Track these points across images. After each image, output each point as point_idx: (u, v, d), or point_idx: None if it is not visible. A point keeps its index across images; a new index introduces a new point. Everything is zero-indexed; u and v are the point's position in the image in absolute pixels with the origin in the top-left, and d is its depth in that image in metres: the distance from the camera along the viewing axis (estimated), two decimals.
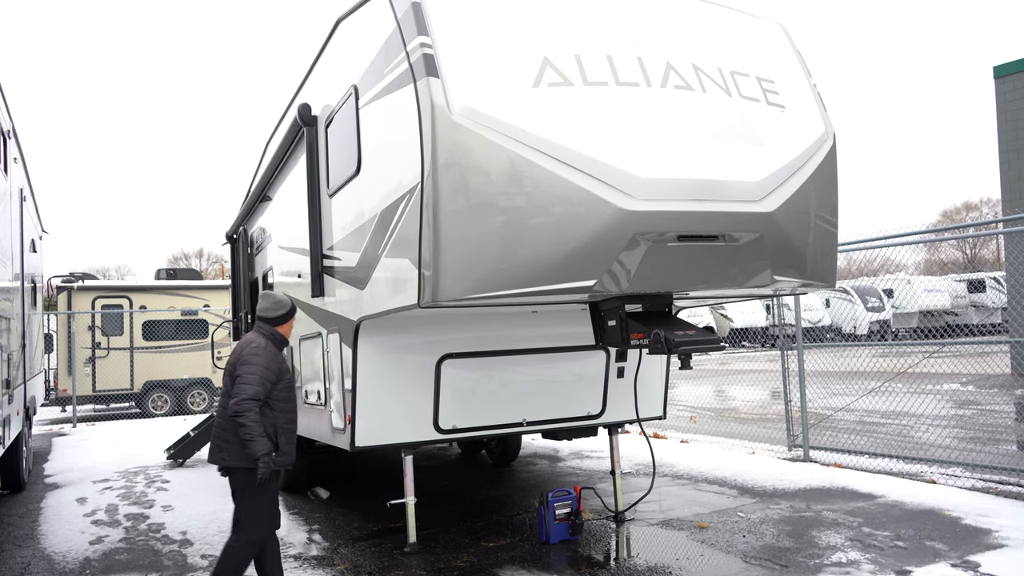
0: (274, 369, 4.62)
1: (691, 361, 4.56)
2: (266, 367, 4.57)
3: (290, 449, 4.70)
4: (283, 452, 4.64)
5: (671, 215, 4.31)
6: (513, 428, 6.32)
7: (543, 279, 4.19)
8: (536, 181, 4.14)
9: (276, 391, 4.63)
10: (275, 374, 4.61)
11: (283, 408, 4.67)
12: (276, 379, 4.62)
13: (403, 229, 4.57)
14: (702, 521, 6.54)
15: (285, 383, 4.71)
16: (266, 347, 4.69)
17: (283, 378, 4.69)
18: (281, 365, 4.72)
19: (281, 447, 4.62)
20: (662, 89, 4.52)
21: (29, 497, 8.82)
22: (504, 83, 4.27)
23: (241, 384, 4.49)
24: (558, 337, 6.26)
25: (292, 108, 7.54)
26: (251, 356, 4.60)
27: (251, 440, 4.41)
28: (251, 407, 4.44)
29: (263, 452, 4.41)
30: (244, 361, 4.58)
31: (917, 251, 45.09)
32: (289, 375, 4.80)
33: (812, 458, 8.86)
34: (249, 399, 4.44)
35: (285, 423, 4.67)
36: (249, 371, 4.52)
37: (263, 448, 4.41)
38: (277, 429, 4.61)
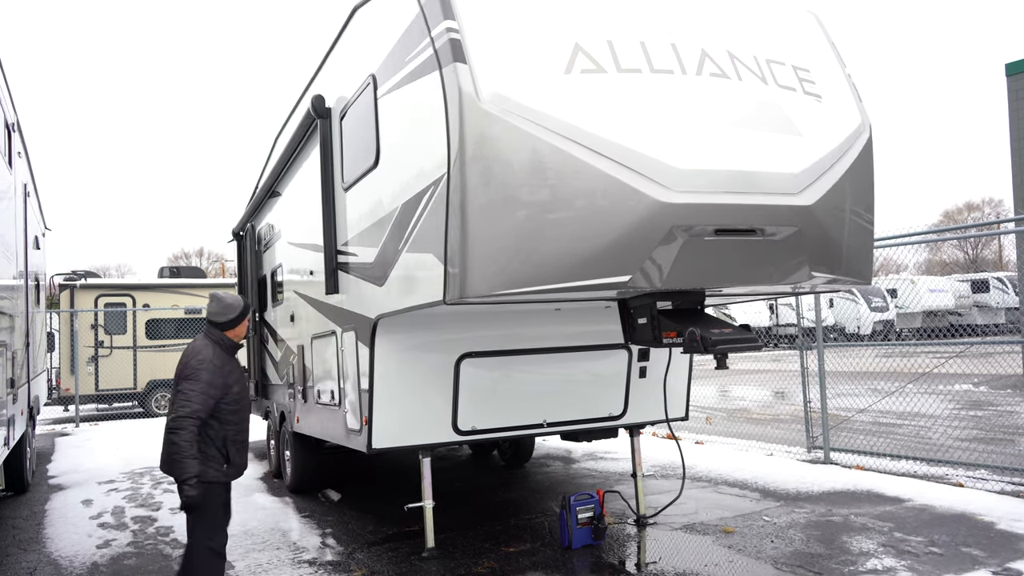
0: (218, 384, 4.36)
1: (727, 360, 4.37)
2: (209, 383, 4.31)
3: (241, 460, 4.56)
4: (233, 464, 4.50)
5: (709, 208, 4.13)
6: (533, 430, 6.14)
7: (576, 275, 4.01)
8: (569, 172, 3.95)
9: (224, 404, 4.41)
10: (220, 388, 4.37)
11: (232, 420, 4.48)
12: (222, 393, 4.38)
13: (426, 223, 4.38)
14: (727, 525, 6.35)
15: (234, 395, 4.48)
16: (213, 358, 4.43)
17: (231, 391, 4.45)
18: (228, 377, 4.47)
19: (232, 459, 4.48)
20: (697, 76, 4.34)
21: (33, 499, 8.64)
22: (534, 69, 4.09)
23: (181, 400, 4.27)
24: (580, 336, 6.08)
25: (304, 101, 7.37)
26: (195, 371, 4.33)
27: (180, 460, 4.18)
28: (186, 425, 4.20)
29: (190, 474, 4.16)
30: (188, 375, 4.34)
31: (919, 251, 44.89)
32: (239, 385, 4.56)
33: (833, 460, 8.67)
34: (186, 416, 4.21)
35: (235, 435, 4.50)
36: (191, 387, 4.28)
37: (191, 470, 4.17)
38: (227, 442, 4.45)
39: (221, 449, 4.41)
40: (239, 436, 4.54)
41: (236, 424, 4.50)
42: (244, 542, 6.46)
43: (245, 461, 4.62)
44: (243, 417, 4.57)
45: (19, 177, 8.31)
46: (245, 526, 6.99)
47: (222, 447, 4.42)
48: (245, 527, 6.95)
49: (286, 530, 6.80)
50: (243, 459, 4.59)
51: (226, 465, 4.43)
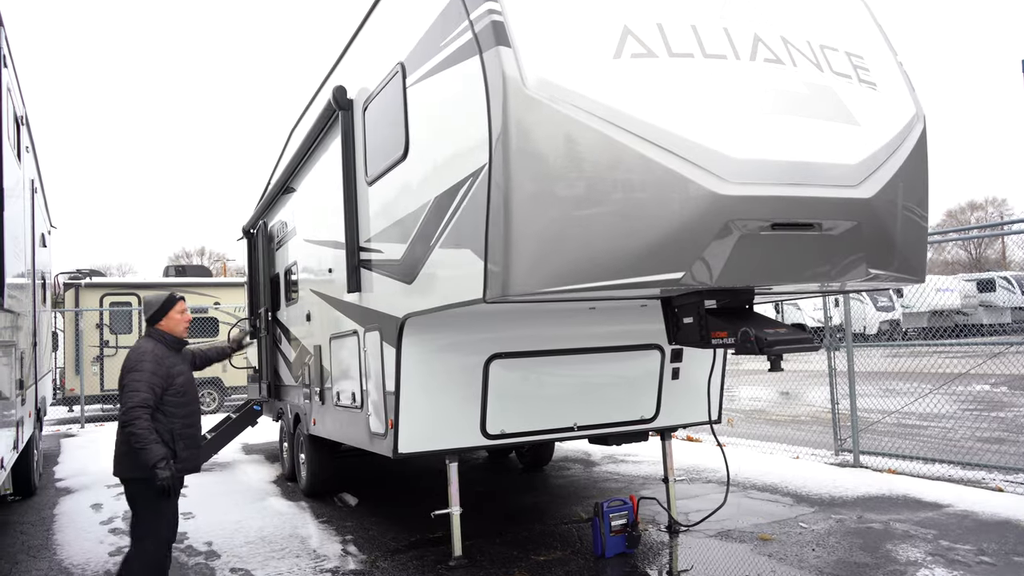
0: (162, 373, 4.45)
1: (781, 362, 4.14)
2: (153, 372, 4.40)
3: (190, 454, 4.60)
4: (182, 459, 4.51)
5: (767, 200, 3.89)
6: (564, 433, 5.91)
7: (625, 271, 3.77)
8: (619, 162, 3.72)
9: (168, 396, 4.48)
10: (164, 379, 4.45)
11: (179, 413, 4.53)
12: (166, 384, 4.46)
13: (464, 217, 4.15)
14: (763, 532, 6.12)
15: (178, 387, 4.54)
16: (153, 351, 4.53)
17: (174, 382, 4.52)
18: (171, 368, 4.55)
19: (179, 453, 4.48)
20: (751, 62, 4.10)
21: (41, 503, 8.41)
22: (582, 54, 3.85)
23: (128, 392, 4.35)
24: (613, 336, 5.84)
25: (323, 93, 7.14)
26: (137, 362, 4.43)
27: (143, 448, 4.24)
28: (140, 414, 4.28)
29: (158, 457, 4.23)
30: (130, 368, 4.43)
31: None
32: (184, 377, 4.63)
33: (862, 463, 8.43)
34: (137, 406, 4.29)
35: (183, 427, 4.53)
36: (136, 378, 4.37)
37: (157, 453, 4.24)
38: (174, 435, 4.47)
39: (169, 443, 4.42)
40: (188, 430, 4.58)
41: (184, 417, 4.54)
42: (262, 550, 6.23)
43: (197, 455, 4.68)
44: (191, 411, 4.62)
45: (27, 172, 8.08)
46: (262, 532, 6.76)
47: (170, 441, 4.44)
48: (262, 534, 6.72)
49: (305, 537, 6.57)
50: (194, 453, 4.63)
51: (173, 460, 4.39)
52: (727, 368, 4.20)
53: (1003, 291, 36.47)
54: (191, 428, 4.62)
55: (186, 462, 4.56)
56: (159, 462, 4.21)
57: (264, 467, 10.42)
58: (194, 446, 4.66)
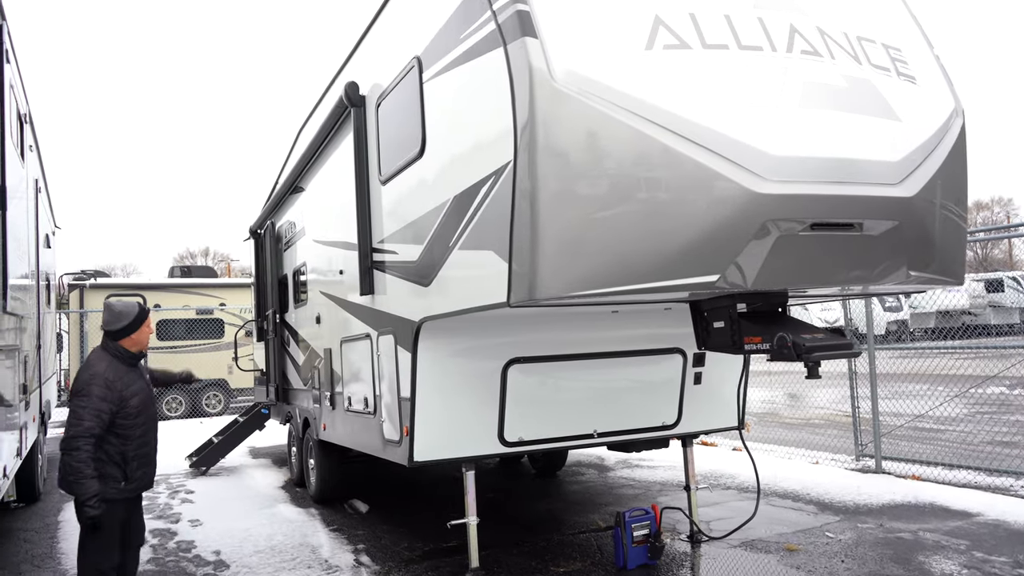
0: (113, 399, 4.14)
1: (819, 369, 3.94)
2: (101, 398, 4.09)
3: (143, 474, 4.37)
4: (135, 479, 4.30)
5: (806, 199, 3.70)
6: (583, 440, 5.72)
7: (658, 274, 3.59)
8: (653, 159, 3.54)
9: (120, 419, 4.19)
10: (114, 403, 4.14)
11: (133, 435, 4.27)
12: (117, 408, 4.16)
13: (485, 217, 3.97)
14: (789, 543, 5.92)
15: (132, 408, 4.24)
16: (105, 371, 4.19)
17: (127, 404, 4.21)
18: (125, 390, 4.22)
19: (131, 475, 4.27)
20: (788, 55, 3.91)
21: (45, 509, 8.24)
22: (612, 45, 3.66)
23: (71, 419, 4.06)
24: (634, 339, 5.65)
25: (334, 89, 6.97)
26: (86, 386, 4.12)
27: (75, 481, 3.98)
28: (80, 444, 4.01)
29: (89, 494, 3.98)
30: (78, 391, 4.14)
31: None
32: (139, 397, 4.30)
33: (884, 469, 8.23)
34: (78, 436, 4.01)
35: (136, 448, 4.29)
36: (81, 404, 4.06)
37: (89, 490, 3.98)
38: (126, 457, 4.24)
39: (120, 465, 4.22)
40: (142, 449, 4.34)
41: (138, 438, 4.30)
42: (272, 559, 6.05)
43: (151, 473, 4.46)
44: (146, 430, 4.37)
45: (31, 172, 7.91)
46: (271, 541, 6.58)
47: (121, 463, 4.22)
48: (271, 542, 6.54)
49: (315, 546, 6.39)
50: (146, 471, 4.41)
51: (124, 482, 4.22)
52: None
53: (1012, 291, 36.20)
54: (145, 447, 4.38)
55: (139, 482, 4.36)
56: (89, 499, 3.98)
57: (271, 472, 10.24)
58: (147, 464, 4.41)
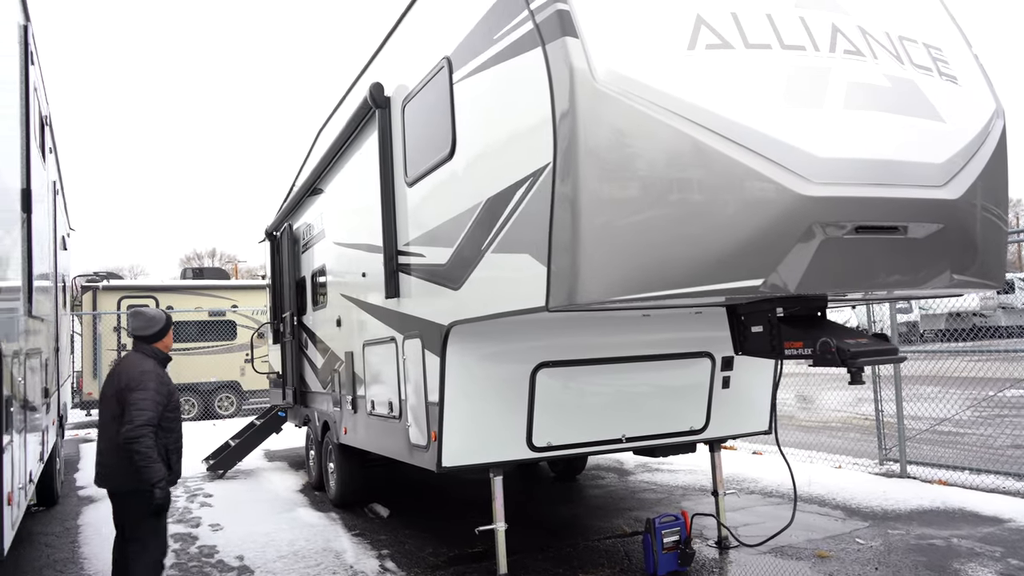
0: (164, 392, 4.58)
1: (863, 375, 3.87)
2: (156, 391, 4.52)
3: (179, 468, 4.75)
4: (174, 472, 4.66)
5: (852, 202, 3.63)
6: (611, 445, 5.65)
7: (702, 278, 3.52)
8: (697, 161, 3.47)
9: (167, 412, 4.59)
10: (165, 396, 4.57)
11: (175, 428, 4.68)
12: (166, 401, 4.58)
13: (522, 219, 3.90)
14: (820, 549, 5.84)
15: (174, 403, 4.69)
16: (154, 369, 4.65)
17: (171, 399, 4.66)
18: (169, 385, 4.70)
19: (173, 467, 4.64)
20: (831, 54, 3.84)
21: (64, 513, 8.21)
22: (654, 45, 3.60)
23: (135, 410, 4.39)
24: (662, 343, 5.58)
25: (356, 91, 6.92)
26: (141, 380, 4.51)
27: (147, 466, 4.34)
28: (146, 432, 4.36)
29: (159, 477, 4.37)
30: (134, 387, 4.48)
31: None
32: (176, 394, 4.76)
33: (909, 474, 8.13)
34: (144, 424, 4.36)
35: (175, 441, 4.68)
36: (142, 396, 4.44)
37: (159, 473, 4.38)
38: (168, 450, 4.60)
39: (164, 457, 4.53)
40: (177, 443, 4.70)
41: (175, 432, 4.67)
42: (296, 565, 5.99)
43: (180, 469, 4.80)
44: (179, 425, 4.76)
45: (50, 174, 7.89)
46: (294, 546, 6.53)
47: (164, 455, 4.54)
48: (294, 547, 6.49)
49: (339, 551, 6.33)
50: (180, 467, 4.77)
51: (168, 473, 4.54)
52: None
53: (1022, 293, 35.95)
54: (179, 441, 4.73)
55: (175, 475, 4.68)
56: (159, 482, 4.34)
57: (289, 475, 10.19)
58: (181, 458, 4.79)
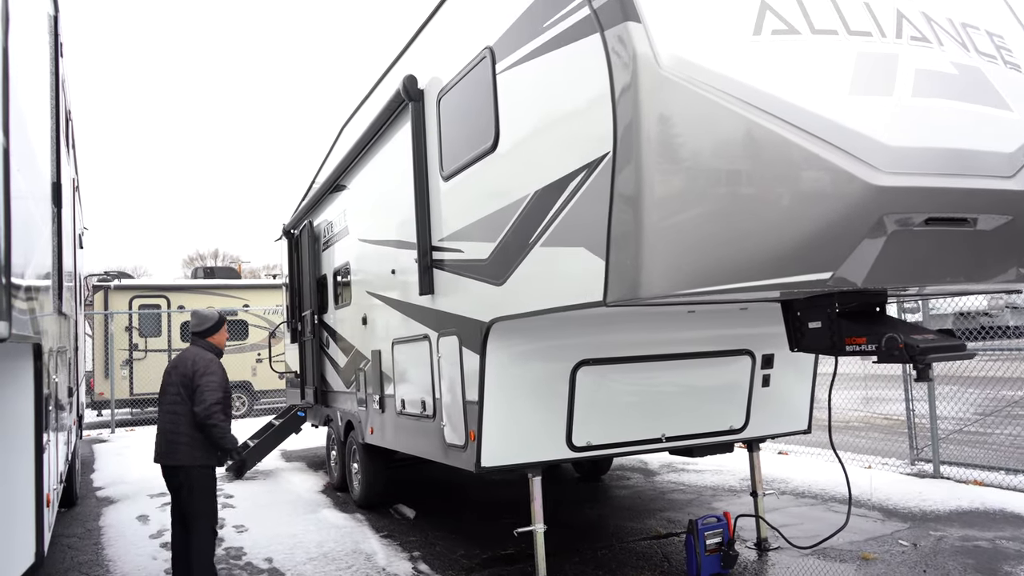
0: (227, 378, 5.26)
1: (930, 372, 3.75)
2: (223, 376, 5.22)
3: None
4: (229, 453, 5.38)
5: (924, 192, 3.51)
6: (651, 445, 5.53)
7: (769, 271, 3.40)
8: (766, 150, 3.35)
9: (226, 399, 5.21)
10: (227, 382, 5.25)
11: (230, 415, 5.27)
12: (227, 388, 5.22)
13: (576, 211, 3.78)
14: (864, 551, 5.72)
15: (230, 392, 5.32)
16: (215, 359, 5.29)
17: (229, 387, 5.29)
18: (226, 376, 5.31)
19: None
20: (898, 41, 3.71)
21: (84, 514, 8.09)
22: (718, 30, 3.48)
23: (208, 392, 5.05)
24: (704, 340, 5.46)
25: (384, 85, 6.80)
26: (209, 366, 5.18)
27: (224, 436, 5.09)
28: (218, 410, 5.05)
29: (236, 443, 5.24)
30: (203, 372, 5.12)
31: None
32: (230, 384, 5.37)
33: (943, 474, 8.00)
34: (216, 403, 5.05)
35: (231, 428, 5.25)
36: (212, 380, 5.11)
37: (234, 441, 5.19)
38: None
39: None
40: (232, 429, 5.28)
41: (229, 418, 5.21)
42: (326, 567, 5.87)
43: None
44: (231, 415, 5.32)
45: (71, 169, 7.78)
46: (322, 548, 6.41)
47: None
48: (323, 549, 6.37)
49: (369, 553, 6.21)
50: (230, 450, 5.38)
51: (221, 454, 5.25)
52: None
53: None
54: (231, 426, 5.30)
55: (225, 456, 5.35)
56: (239, 446, 5.10)
57: (308, 475, 10.08)
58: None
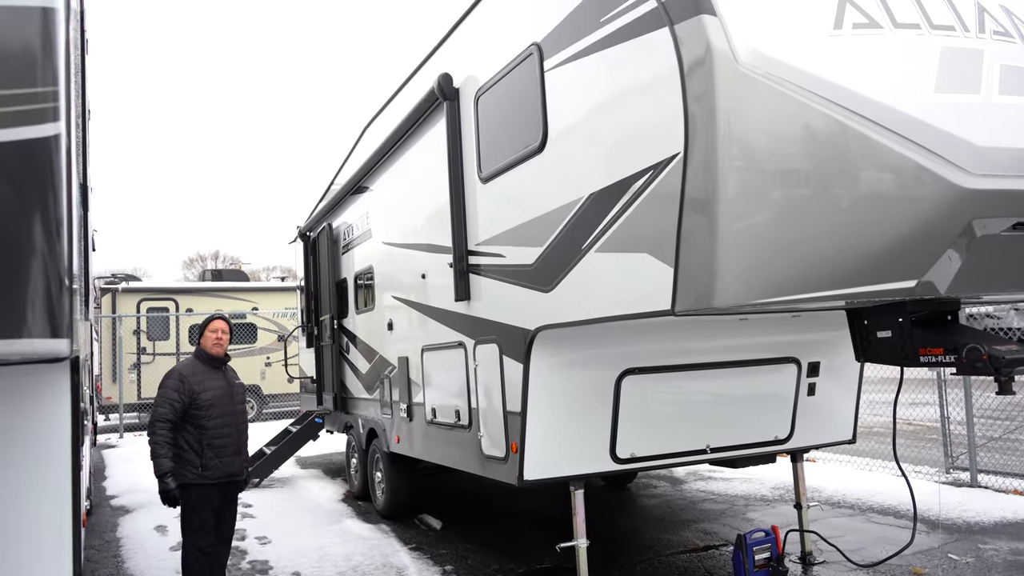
0: (185, 391, 4.88)
1: (1012, 384, 3.56)
2: (174, 389, 4.87)
3: (218, 463, 4.94)
4: (209, 467, 4.90)
5: (1014, 195, 3.33)
6: (696, 456, 5.33)
7: (851, 279, 3.21)
8: (851, 151, 3.16)
9: (193, 410, 4.89)
10: (186, 395, 4.87)
11: (208, 425, 4.91)
12: (189, 400, 4.87)
13: (638, 215, 3.60)
14: (914, 566, 5.53)
15: (203, 401, 4.92)
16: (181, 370, 5.01)
17: (198, 398, 4.91)
18: (197, 385, 4.94)
19: (206, 463, 4.89)
20: (981, 36, 3.53)
21: (100, 524, 7.89)
22: (798, 24, 3.30)
23: (153, 407, 4.89)
24: (750, 348, 5.28)
25: (413, 84, 6.61)
26: (165, 380, 4.96)
27: (153, 460, 4.77)
28: (156, 429, 4.78)
29: (163, 470, 4.72)
30: (160, 385, 4.97)
31: None
32: (213, 392, 5.00)
33: (980, 483, 7.82)
34: (155, 421, 4.81)
35: (211, 439, 4.93)
36: (159, 394, 4.90)
37: (163, 467, 4.73)
38: (203, 445, 4.89)
39: (197, 452, 4.88)
40: (216, 441, 4.94)
41: (211, 430, 4.92)
42: None
43: (230, 465, 5.02)
44: (221, 424, 4.98)
45: None
46: (351, 561, 6.21)
47: (198, 451, 4.88)
48: (351, 563, 6.17)
49: (400, 567, 6.01)
50: (223, 463, 4.97)
51: (200, 469, 4.86)
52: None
53: None
54: (221, 439, 4.96)
55: (214, 471, 4.91)
56: (163, 474, 4.70)
57: (327, 483, 9.88)
58: (226, 455, 4.98)
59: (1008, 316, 32.92)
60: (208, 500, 4.92)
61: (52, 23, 2.21)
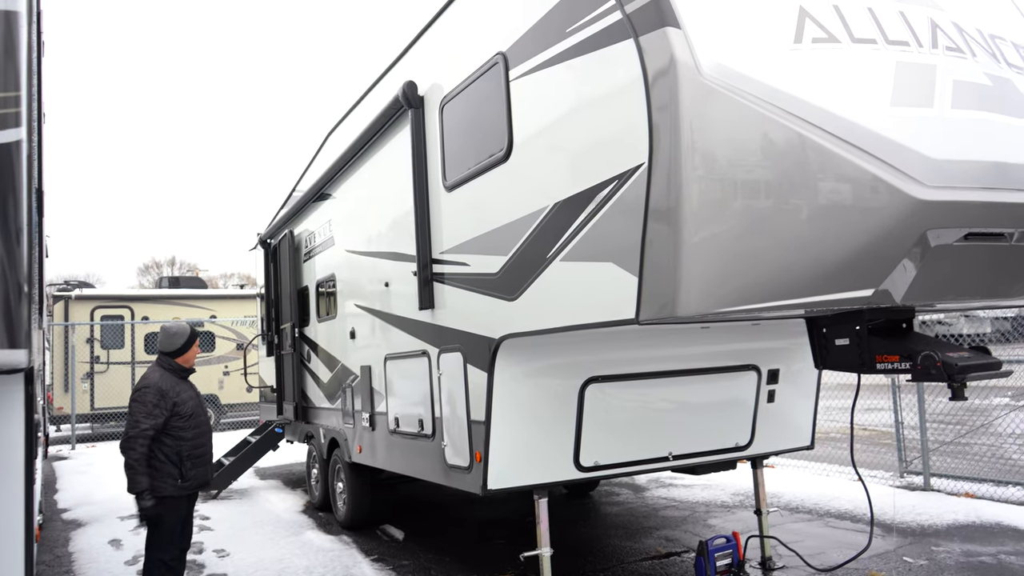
0: (165, 404, 4.83)
1: (965, 391, 3.65)
2: (155, 404, 4.79)
3: (198, 472, 4.97)
4: (189, 477, 4.90)
5: (966, 206, 3.42)
6: (659, 463, 5.37)
7: (811, 288, 3.27)
8: (811, 163, 3.22)
9: (174, 421, 4.86)
10: (167, 408, 4.83)
11: (187, 436, 4.91)
12: (169, 412, 4.84)
13: (604, 225, 3.62)
14: (871, 569, 5.64)
15: (184, 412, 4.92)
16: (159, 382, 4.90)
17: (179, 409, 4.89)
18: (177, 396, 4.91)
19: (186, 473, 4.88)
20: (934, 51, 3.63)
21: (52, 539, 7.67)
22: (760, 38, 3.36)
23: (130, 421, 4.77)
24: (711, 356, 5.34)
25: (377, 92, 6.58)
26: (141, 394, 4.84)
27: (130, 477, 4.67)
28: (134, 444, 4.69)
29: (141, 488, 4.66)
30: (135, 399, 4.85)
31: None
32: (192, 403, 5.02)
33: (933, 486, 8.00)
34: (135, 436, 4.70)
35: (191, 448, 4.92)
36: (138, 409, 4.78)
37: (140, 485, 4.66)
38: (182, 457, 4.87)
39: (176, 464, 4.84)
40: (195, 451, 4.95)
41: (190, 440, 4.92)
42: None
43: (205, 472, 5.07)
44: (198, 433, 4.99)
45: None
46: (311, 573, 6.13)
47: (177, 462, 4.85)
48: (311, 574, 6.09)
49: None
50: (201, 471, 5.00)
51: (180, 480, 4.84)
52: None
53: None
54: (199, 448, 4.97)
55: (194, 480, 4.94)
56: (141, 492, 4.63)
57: (286, 494, 9.74)
58: (202, 464, 5.01)
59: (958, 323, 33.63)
60: (179, 510, 4.93)
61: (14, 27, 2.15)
